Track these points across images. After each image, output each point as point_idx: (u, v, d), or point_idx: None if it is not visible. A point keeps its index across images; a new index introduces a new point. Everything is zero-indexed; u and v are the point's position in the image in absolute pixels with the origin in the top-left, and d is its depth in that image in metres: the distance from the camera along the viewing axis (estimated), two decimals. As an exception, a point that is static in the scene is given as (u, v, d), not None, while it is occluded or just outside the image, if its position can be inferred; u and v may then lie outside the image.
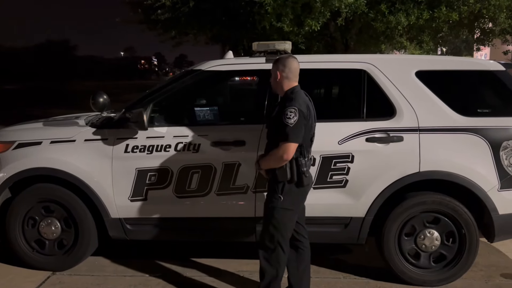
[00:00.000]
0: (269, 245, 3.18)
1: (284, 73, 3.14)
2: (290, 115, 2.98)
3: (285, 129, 2.97)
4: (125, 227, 3.94)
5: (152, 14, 10.37)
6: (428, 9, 8.74)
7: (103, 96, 3.86)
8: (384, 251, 3.78)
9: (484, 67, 3.86)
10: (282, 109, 3.05)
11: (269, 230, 3.17)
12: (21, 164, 3.93)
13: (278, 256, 3.20)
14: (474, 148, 3.66)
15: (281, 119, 3.00)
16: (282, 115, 3.01)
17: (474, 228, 3.69)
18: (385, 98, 3.77)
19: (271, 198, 3.16)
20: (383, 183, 3.70)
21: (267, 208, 3.19)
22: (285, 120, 2.98)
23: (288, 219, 3.17)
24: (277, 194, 3.11)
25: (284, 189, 3.10)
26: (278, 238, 3.17)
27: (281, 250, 3.19)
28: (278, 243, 3.17)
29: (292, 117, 2.98)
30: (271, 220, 3.15)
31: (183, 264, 4.19)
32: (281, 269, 3.23)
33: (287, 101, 3.07)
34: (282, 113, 3.01)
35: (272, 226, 3.15)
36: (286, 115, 2.99)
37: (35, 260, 4.04)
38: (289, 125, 2.97)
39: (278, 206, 3.12)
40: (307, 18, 8.13)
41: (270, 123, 3.23)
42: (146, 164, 3.82)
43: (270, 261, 3.21)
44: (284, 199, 3.11)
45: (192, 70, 4.09)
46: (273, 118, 3.15)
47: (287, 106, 3.02)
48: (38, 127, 4.29)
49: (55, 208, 3.99)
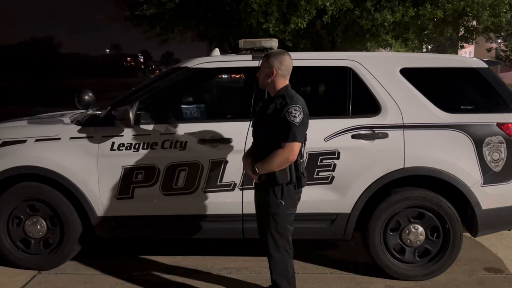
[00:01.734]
0: (276, 254, 3.08)
1: (280, 70, 3.00)
2: (295, 114, 2.86)
3: (291, 128, 2.85)
4: (111, 226, 3.93)
5: (137, 10, 10.30)
6: (413, 6, 8.85)
7: (89, 94, 3.84)
8: (370, 246, 3.82)
9: (467, 64, 3.93)
10: (281, 107, 2.92)
11: (274, 239, 3.05)
12: (5, 163, 3.88)
13: (286, 263, 3.11)
14: (457, 144, 3.72)
15: (283, 118, 2.87)
16: (284, 114, 2.87)
17: (458, 223, 3.75)
18: (370, 95, 3.81)
19: (270, 204, 3.00)
20: (368, 179, 3.74)
21: (266, 215, 3.04)
22: (290, 118, 2.85)
23: (290, 223, 3.10)
24: (277, 200, 2.98)
25: (284, 193, 2.98)
26: (283, 245, 3.08)
27: (289, 256, 3.12)
28: (284, 250, 3.09)
29: (298, 116, 2.87)
30: (276, 229, 3.03)
31: (170, 261, 4.20)
32: (291, 274, 3.15)
33: (284, 99, 2.95)
34: (285, 112, 2.87)
35: (277, 233, 3.04)
36: (291, 113, 2.86)
37: (20, 259, 3.99)
38: (295, 123, 2.85)
39: (280, 212, 3.00)
40: (293, 16, 8.15)
41: (262, 121, 3.07)
42: (132, 162, 3.80)
43: (279, 271, 3.11)
44: (285, 204, 2.99)
45: (179, 67, 4.09)
46: (267, 116, 2.99)
47: (290, 105, 2.89)
48: (23, 125, 4.24)
49: (40, 207, 3.95)
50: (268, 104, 3.07)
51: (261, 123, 3.09)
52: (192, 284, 3.76)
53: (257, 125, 3.17)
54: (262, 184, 3.03)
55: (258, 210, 3.20)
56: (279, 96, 3.01)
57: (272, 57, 3.02)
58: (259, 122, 3.12)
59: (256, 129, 3.17)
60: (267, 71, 3.03)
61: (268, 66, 3.02)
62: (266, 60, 3.04)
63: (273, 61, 3.01)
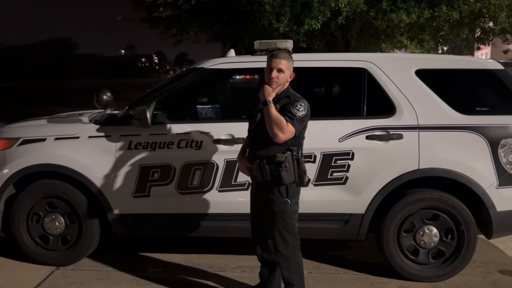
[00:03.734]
0: (286, 253, 3.10)
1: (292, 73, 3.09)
2: (300, 108, 2.94)
3: (292, 117, 2.92)
4: (127, 223, 4.00)
5: (154, 11, 10.42)
6: (429, 7, 8.80)
7: (107, 94, 3.93)
8: (384, 247, 3.83)
9: (483, 66, 3.92)
10: (286, 105, 2.98)
11: (283, 237, 3.07)
12: (26, 161, 3.98)
13: (296, 260, 3.15)
14: (472, 146, 3.71)
15: (287, 108, 2.95)
16: (290, 106, 2.95)
17: (472, 224, 3.74)
18: (385, 96, 3.82)
19: (275, 203, 3.03)
20: (382, 180, 3.75)
21: (273, 214, 3.06)
22: (293, 110, 2.93)
23: (296, 220, 3.13)
24: (283, 198, 3.02)
25: (289, 192, 3.02)
26: (293, 242, 3.11)
27: (298, 252, 3.16)
28: (293, 247, 3.12)
29: (301, 110, 2.94)
30: (284, 227, 3.06)
31: (185, 259, 4.25)
32: (302, 270, 3.19)
33: (289, 98, 3.02)
34: (290, 104, 2.95)
35: (286, 232, 3.07)
36: (296, 106, 2.94)
37: (39, 255, 4.09)
38: (296, 116, 2.93)
39: (287, 210, 3.04)
40: (307, 17, 8.17)
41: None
42: (149, 160, 3.87)
43: (291, 268, 3.14)
44: (291, 202, 3.04)
45: (195, 68, 4.14)
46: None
47: (296, 100, 2.98)
48: (43, 124, 4.34)
49: (59, 204, 4.04)
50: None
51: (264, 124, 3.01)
52: (205, 282, 3.81)
53: (259, 125, 3.09)
54: (267, 184, 3.05)
55: (259, 209, 3.21)
56: (283, 97, 3.05)
57: (291, 61, 3.07)
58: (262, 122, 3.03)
59: (258, 129, 3.10)
60: (287, 72, 3.04)
61: (290, 69, 3.05)
62: (288, 63, 3.03)
63: (291, 64, 3.07)
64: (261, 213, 3.18)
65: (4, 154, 4.04)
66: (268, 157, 3.01)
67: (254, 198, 3.27)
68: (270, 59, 3.03)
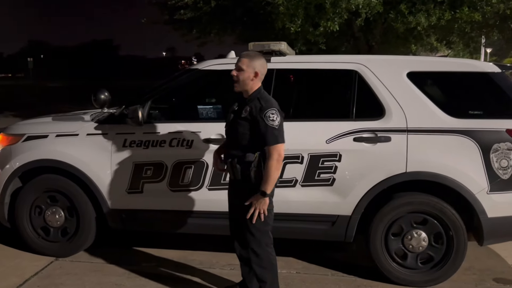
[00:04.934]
0: (258, 251, 3.13)
1: (260, 74, 3.06)
2: (273, 117, 2.92)
3: (272, 131, 2.91)
4: (122, 218, 4.14)
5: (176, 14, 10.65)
6: (450, 9, 8.60)
7: (105, 93, 4.09)
8: (371, 249, 3.81)
9: (479, 68, 3.84)
10: (256, 112, 2.97)
11: (254, 236, 3.10)
12: (29, 156, 4.20)
13: (269, 258, 3.17)
14: (463, 150, 3.64)
15: (261, 123, 2.93)
16: (262, 119, 2.93)
17: (462, 230, 3.68)
18: (375, 98, 3.81)
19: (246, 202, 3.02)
20: (369, 182, 3.73)
21: (246, 214, 3.02)
22: (269, 122, 2.91)
23: (271, 219, 3.15)
24: None
25: None
26: (265, 240, 3.13)
27: (271, 250, 3.19)
28: (266, 245, 3.14)
29: (276, 119, 2.93)
30: (255, 227, 3.07)
31: (178, 255, 4.36)
32: (275, 267, 3.21)
33: (259, 102, 2.99)
34: (262, 117, 2.93)
35: (257, 231, 3.09)
36: (269, 117, 2.92)
37: (40, 246, 4.29)
38: (274, 127, 2.92)
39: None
40: (322, 19, 8.17)
41: (237, 124, 3.08)
42: (142, 158, 4.00)
43: (264, 265, 3.15)
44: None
45: (190, 69, 4.25)
46: (242, 119, 3.03)
47: (266, 109, 2.95)
48: (47, 121, 4.55)
49: (59, 198, 4.24)
50: (241, 106, 3.10)
51: (236, 125, 3.09)
52: (192, 279, 3.89)
53: (231, 125, 3.16)
54: (238, 183, 3.11)
55: (235, 208, 3.25)
56: (252, 99, 3.04)
57: (256, 60, 3.06)
58: (234, 123, 3.12)
59: (230, 130, 3.18)
60: (248, 73, 3.03)
61: (252, 68, 3.04)
62: (250, 62, 3.04)
63: (256, 63, 3.05)
64: (236, 211, 3.23)
65: (11, 149, 4.28)
66: (239, 156, 3.07)
67: (230, 196, 3.34)
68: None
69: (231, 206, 3.33)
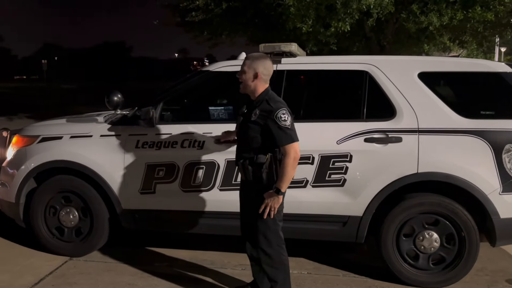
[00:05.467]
0: (269, 251, 3.15)
1: (263, 75, 3.06)
2: (284, 117, 2.95)
3: (285, 131, 2.94)
4: (135, 218, 4.20)
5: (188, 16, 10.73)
6: (462, 9, 8.54)
7: (118, 95, 4.14)
8: (382, 250, 3.81)
9: (490, 69, 3.82)
10: (267, 113, 2.98)
11: (266, 237, 3.12)
12: (44, 157, 4.27)
13: (281, 258, 3.19)
14: (475, 150, 3.63)
15: (273, 125, 2.95)
16: (274, 120, 2.94)
17: (474, 231, 3.66)
18: (386, 99, 3.81)
19: (258, 203, 3.06)
20: (380, 183, 3.74)
21: (257, 215, 3.07)
22: (281, 123, 2.93)
23: (280, 219, 3.18)
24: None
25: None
26: (276, 241, 3.16)
27: (282, 251, 3.20)
28: (277, 246, 3.17)
29: (287, 118, 2.96)
30: (266, 227, 3.10)
31: (190, 255, 4.41)
32: (287, 268, 3.23)
33: (268, 103, 3.01)
34: (273, 118, 2.94)
35: (269, 231, 3.12)
36: (281, 118, 2.94)
37: (55, 245, 4.37)
38: (287, 127, 2.94)
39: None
40: (333, 19, 8.16)
41: (247, 126, 3.10)
42: (154, 159, 4.05)
43: (275, 265, 3.18)
44: None
45: (202, 71, 4.29)
46: (252, 123, 3.05)
47: (276, 110, 2.96)
48: (61, 123, 4.62)
49: (73, 198, 4.30)
50: (250, 109, 3.12)
51: (246, 128, 3.11)
52: (204, 278, 3.93)
53: (242, 128, 3.19)
54: (250, 184, 3.13)
55: (246, 209, 3.28)
56: (261, 100, 3.06)
57: (256, 61, 3.08)
58: (244, 127, 3.14)
59: (241, 133, 3.21)
60: (250, 75, 3.07)
61: (251, 69, 3.06)
62: (251, 63, 3.07)
63: (258, 64, 3.07)
64: (247, 212, 3.25)
65: (26, 151, 4.36)
66: (250, 158, 3.09)
67: (241, 197, 3.36)
68: None
69: (243, 206, 3.35)
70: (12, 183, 4.36)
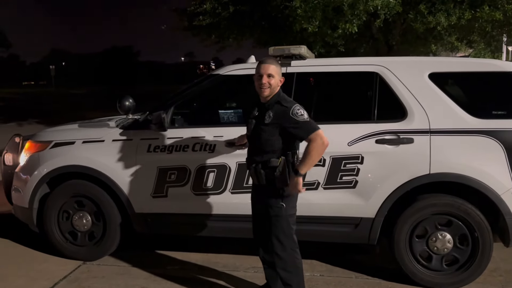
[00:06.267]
0: (283, 255, 3.16)
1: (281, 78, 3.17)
2: (300, 112, 3.00)
3: (305, 124, 2.98)
4: (147, 222, 4.22)
5: (195, 20, 10.78)
6: (470, 9, 8.50)
7: (129, 100, 4.18)
8: (395, 252, 3.80)
9: (501, 68, 3.81)
10: (282, 114, 3.02)
11: (279, 240, 3.14)
12: (57, 162, 4.31)
13: (295, 262, 3.20)
14: (487, 151, 3.61)
15: (292, 122, 2.98)
16: (291, 118, 2.98)
17: (488, 231, 3.64)
18: (397, 100, 3.81)
19: (271, 207, 3.10)
20: (392, 184, 3.73)
21: (270, 218, 3.12)
22: (299, 118, 2.98)
23: (293, 223, 3.19)
24: (278, 202, 3.08)
25: (284, 195, 3.08)
26: (290, 245, 3.17)
27: (296, 254, 3.21)
28: (291, 249, 3.18)
29: (304, 113, 3.01)
30: (280, 231, 3.12)
31: (202, 258, 4.42)
32: (301, 271, 3.24)
33: (281, 104, 3.06)
34: (290, 116, 2.98)
35: (282, 234, 3.13)
36: (297, 114, 2.98)
37: (68, 250, 4.40)
38: (306, 120, 2.99)
39: (282, 214, 3.10)
40: (340, 21, 8.17)
41: (261, 130, 3.11)
42: (166, 163, 4.07)
43: (289, 268, 3.18)
44: (286, 206, 3.10)
45: (211, 74, 4.31)
46: (267, 125, 3.07)
47: (290, 108, 3.01)
48: (73, 128, 4.66)
49: (86, 203, 4.34)
50: (262, 111, 3.15)
51: (259, 131, 3.13)
52: (217, 281, 3.94)
53: (254, 132, 3.20)
54: (262, 188, 3.15)
55: (258, 212, 3.29)
56: (273, 103, 3.10)
57: (280, 66, 3.17)
58: (257, 130, 3.16)
59: (253, 136, 3.22)
60: (277, 78, 3.13)
61: (279, 74, 3.15)
62: (277, 68, 3.13)
63: (280, 69, 3.17)
64: (260, 215, 3.26)
65: (39, 156, 4.40)
66: (263, 162, 3.10)
67: (254, 201, 3.37)
68: (259, 65, 3.13)
69: (255, 210, 3.36)
70: (25, 189, 4.40)
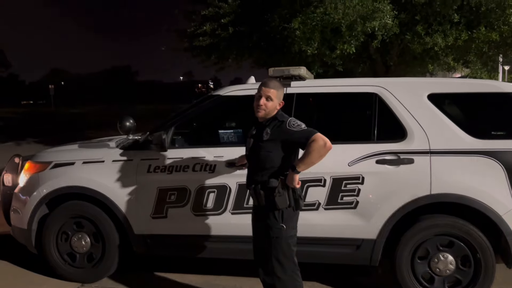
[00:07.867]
0: (283, 277, 3.13)
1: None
2: (297, 122, 3.03)
3: (304, 131, 2.99)
4: (147, 243, 4.18)
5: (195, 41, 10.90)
6: (467, 29, 8.61)
7: (130, 121, 4.19)
8: (397, 273, 3.76)
9: (499, 89, 3.83)
10: (278, 128, 3.05)
11: (280, 262, 3.11)
12: (57, 183, 4.30)
13: (295, 283, 3.16)
14: (487, 171, 3.62)
15: (290, 134, 3.00)
16: (288, 130, 3.00)
17: (490, 252, 3.62)
18: (396, 121, 3.83)
19: (271, 228, 3.08)
20: (394, 205, 3.72)
21: (270, 240, 3.10)
22: (296, 128, 3.00)
23: (294, 244, 3.16)
24: (278, 224, 3.06)
25: (284, 216, 3.06)
26: (290, 267, 3.14)
27: (296, 276, 3.18)
28: (291, 271, 3.15)
29: (300, 123, 3.03)
30: (280, 252, 3.10)
31: (202, 280, 4.37)
32: None
33: (277, 119, 3.10)
34: (287, 128, 3.01)
35: (283, 256, 3.10)
36: (294, 125, 3.01)
37: (67, 271, 4.35)
38: (303, 128, 3.00)
39: (283, 236, 3.07)
40: (338, 42, 8.26)
41: (260, 147, 3.13)
42: (166, 183, 4.06)
43: None
44: (287, 228, 3.07)
45: (212, 95, 4.34)
46: (265, 142, 3.09)
47: (286, 120, 3.05)
48: (73, 148, 4.66)
49: (85, 224, 4.31)
50: (260, 130, 3.17)
51: (258, 149, 3.15)
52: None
53: (253, 150, 3.22)
54: (262, 209, 3.13)
55: (259, 234, 3.26)
56: (271, 119, 3.14)
57: (280, 90, 3.19)
58: (256, 148, 3.18)
59: (252, 155, 3.23)
60: (277, 103, 3.16)
61: (279, 98, 3.17)
62: (277, 92, 3.15)
63: (281, 94, 3.19)
64: (260, 236, 3.24)
65: (38, 177, 4.38)
66: (262, 182, 3.10)
67: (254, 222, 3.35)
68: (260, 86, 3.15)
69: (255, 232, 3.34)
70: (24, 209, 4.37)
